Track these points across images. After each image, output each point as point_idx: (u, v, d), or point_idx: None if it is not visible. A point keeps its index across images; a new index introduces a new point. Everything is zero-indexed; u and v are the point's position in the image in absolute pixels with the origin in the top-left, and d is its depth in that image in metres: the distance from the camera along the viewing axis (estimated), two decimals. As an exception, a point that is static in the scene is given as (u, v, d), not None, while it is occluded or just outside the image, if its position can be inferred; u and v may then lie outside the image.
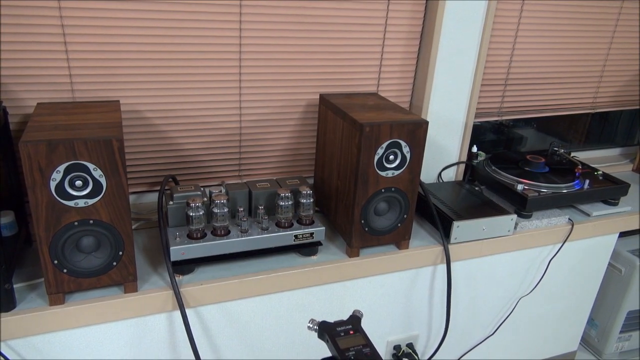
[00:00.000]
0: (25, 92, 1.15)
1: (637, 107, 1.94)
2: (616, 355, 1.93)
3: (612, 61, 1.78)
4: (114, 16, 1.15)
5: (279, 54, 1.33)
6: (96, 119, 1.01)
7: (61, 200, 0.92)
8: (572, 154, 1.74)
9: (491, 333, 1.65)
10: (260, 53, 1.31)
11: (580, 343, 1.96)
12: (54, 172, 0.90)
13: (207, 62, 1.27)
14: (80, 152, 0.91)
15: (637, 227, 1.62)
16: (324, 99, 1.33)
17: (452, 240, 1.34)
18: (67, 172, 0.91)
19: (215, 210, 1.12)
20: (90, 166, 0.92)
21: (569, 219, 1.52)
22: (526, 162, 1.61)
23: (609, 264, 1.79)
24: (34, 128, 0.94)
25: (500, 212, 1.39)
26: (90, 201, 0.95)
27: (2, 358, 1.02)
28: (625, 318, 1.83)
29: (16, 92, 1.15)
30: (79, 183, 0.93)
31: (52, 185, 0.91)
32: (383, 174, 1.18)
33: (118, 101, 1.16)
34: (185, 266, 1.14)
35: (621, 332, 1.86)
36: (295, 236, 1.19)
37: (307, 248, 1.24)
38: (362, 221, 1.21)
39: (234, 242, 1.14)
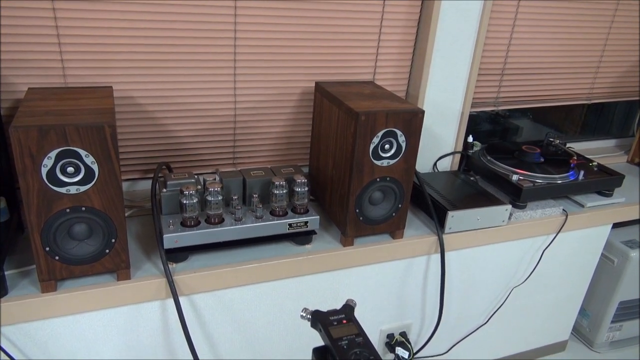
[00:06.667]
0: (16, 77, 1.14)
1: (633, 99, 1.94)
2: (607, 344, 1.95)
3: (609, 52, 1.77)
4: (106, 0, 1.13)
5: (274, 41, 1.32)
6: (88, 105, 1.00)
7: (52, 187, 0.91)
8: (568, 145, 1.74)
9: (484, 322, 1.66)
10: (255, 40, 1.30)
11: (571, 332, 1.98)
12: (45, 158, 0.89)
13: (201, 48, 1.26)
14: (72, 138, 0.90)
15: (631, 219, 1.63)
16: (319, 87, 1.31)
17: (447, 230, 1.35)
18: (58, 158, 0.90)
19: (209, 198, 1.12)
20: (82, 152, 0.91)
21: (563, 209, 1.52)
22: (521, 153, 1.61)
23: (602, 254, 1.80)
24: (25, 113, 0.93)
25: (495, 202, 1.39)
26: (82, 188, 0.94)
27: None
28: (616, 308, 1.84)
29: (7, 77, 1.13)
30: (70, 169, 0.92)
31: (44, 171, 0.90)
32: (378, 163, 1.17)
33: (111, 87, 1.15)
34: (179, 254, 1.13)
35: (612, 322, 1.88)
36: (290, 225, 1.18)
37: (302, 237, 1.23)
38: (357, 210, 1.21)
39: (228, 230, 1.13)
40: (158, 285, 1.09)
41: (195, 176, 1.20)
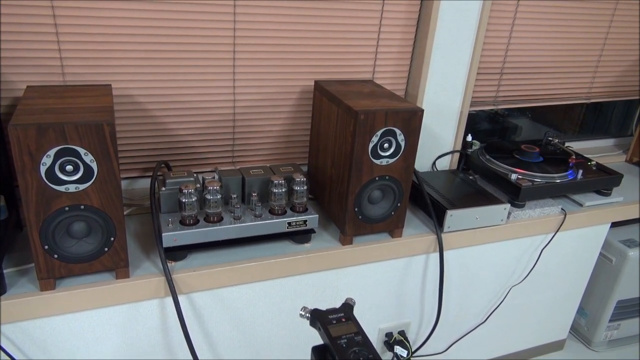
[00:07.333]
0: (15, 75, 1.13)
1: (632, 98, 1.94)
2: (605, 343, 1.96)
3: (608, 51, 1.77)
4: (105, -2, 1.13)
5: (273, 39, 1.32)
6: (87, 103, 1.00)
7: (51, 185, 0.91)
8: (566, 144, 1.74)
9: (482, 321, 1.66)
10: (254, 38, 1.30)
11: (569, 331, 1.98)
12: (44, 157, 0.89)
13: (200, 46, 1.25)
14: (70, 136, 0.89)
15: (629, 218, 1.63)
16: (318, 86, 1.31)
17: (446, 229, 1.35)
18: (57, 156, 0.90)
19: (208, 196, 1.11)
20: (81, 151, 0.91)
21: (561, 208, 1.52)
22: (520, 152, 1.61)
23: (600, 253, 1.80)
24: (24, 111, 0.93)
25: (494, 201, 1.39)
26: (81, 186, 0.93)
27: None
28: (614, 307, 1.85)
29: (6, 75, 1.13)
30: (69, 168, 0.92)
31: (42, 169, 0.90)
32: (377, 162, 1.17)
33: (110, 85, 1.14)
34: (178, 252, 1.13)
35: (610, 321, 1.88)
36: (289, 223, 1.18)
37: (300, 235, 1.23)
38: (356, 209, 1.21)
39: (227, 229, 1.13)
40: (157, 284, 1.09)
41: (195, 175, 1.20)
